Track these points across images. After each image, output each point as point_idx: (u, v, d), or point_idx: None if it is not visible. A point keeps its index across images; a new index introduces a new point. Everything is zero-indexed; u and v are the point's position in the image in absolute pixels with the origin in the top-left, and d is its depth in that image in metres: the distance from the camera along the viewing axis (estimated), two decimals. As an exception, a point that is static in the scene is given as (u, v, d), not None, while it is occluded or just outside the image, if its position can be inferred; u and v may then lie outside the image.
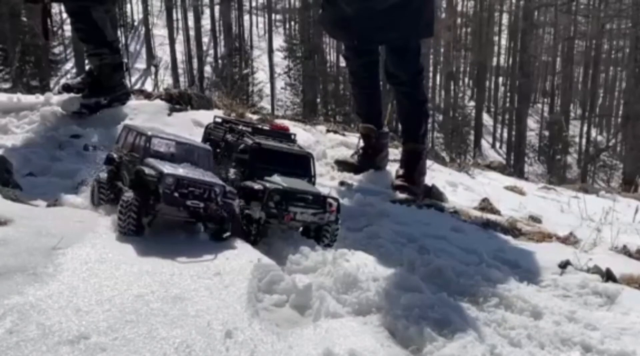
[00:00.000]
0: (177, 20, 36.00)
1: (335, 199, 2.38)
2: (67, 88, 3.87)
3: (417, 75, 3.81)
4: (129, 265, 1.86)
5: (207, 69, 32.44)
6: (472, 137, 34.06)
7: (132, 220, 2.04)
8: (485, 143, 35.08)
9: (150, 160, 2.16)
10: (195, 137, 2.92)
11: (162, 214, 2.10)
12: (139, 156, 2.23)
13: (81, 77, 3.96)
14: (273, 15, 39.47)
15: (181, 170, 2.13)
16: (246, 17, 38.93)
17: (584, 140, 33.85)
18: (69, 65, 29.30)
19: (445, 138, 33.04)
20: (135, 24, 37.69)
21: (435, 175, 4.42)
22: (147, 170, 2.08)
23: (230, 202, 2.17)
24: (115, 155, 2.37)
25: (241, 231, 2.21)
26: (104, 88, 3.78)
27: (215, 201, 2.11)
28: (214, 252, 2.04)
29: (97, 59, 3.79)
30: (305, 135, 4.19)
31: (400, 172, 3.74)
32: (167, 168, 2.10)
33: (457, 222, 3.25)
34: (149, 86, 25.48)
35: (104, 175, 2.34)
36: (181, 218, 2.12)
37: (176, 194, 2.05)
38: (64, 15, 17.03)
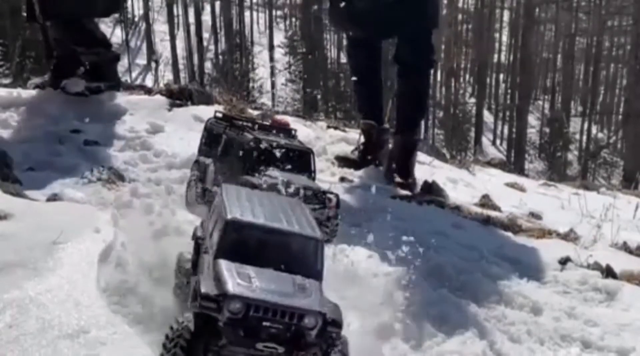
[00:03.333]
0: (178, 16, 35.91)
1: (335, 195, 2.38)
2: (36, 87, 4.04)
3: (429, 66, 3.97)
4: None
5: (208, 64, 32.38)
6: (472, 134, 33.99)
7: None
8: (485, 140, 35.01)
9: (221, 264, 1.44)
10: (196, 132, 2.92)
11: (228, 353, 1.38)
12: (212, 253, 1.51)
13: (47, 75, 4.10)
14: (274, 11, 39.43)
15: (258, 284, 1.38)
16: (247, 13, 38.82)
17: (584, 137, 33.78)
18: (69, 61, 29.20)
19: (445, 135, 32.98)
20: (136, 19, 37.63)
21: (436, 171, 4.42)
22: (203, 286, 1.37)
23: (332, 344, 1.39)
24: (199, 234, 1.68)
25: None
26: (104, 76, 4.03)
27: (305, 341, 1.35)
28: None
29: (95, 57, 4.01)
30: (305, 131, 4.18)
31: (395, 165, 3.77)
32: (238, 283, 1.37)
33: (458, 218, 3.25)
34: (149, 82, 25.46)
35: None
36: None
37: (241, 331, 1.33)
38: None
